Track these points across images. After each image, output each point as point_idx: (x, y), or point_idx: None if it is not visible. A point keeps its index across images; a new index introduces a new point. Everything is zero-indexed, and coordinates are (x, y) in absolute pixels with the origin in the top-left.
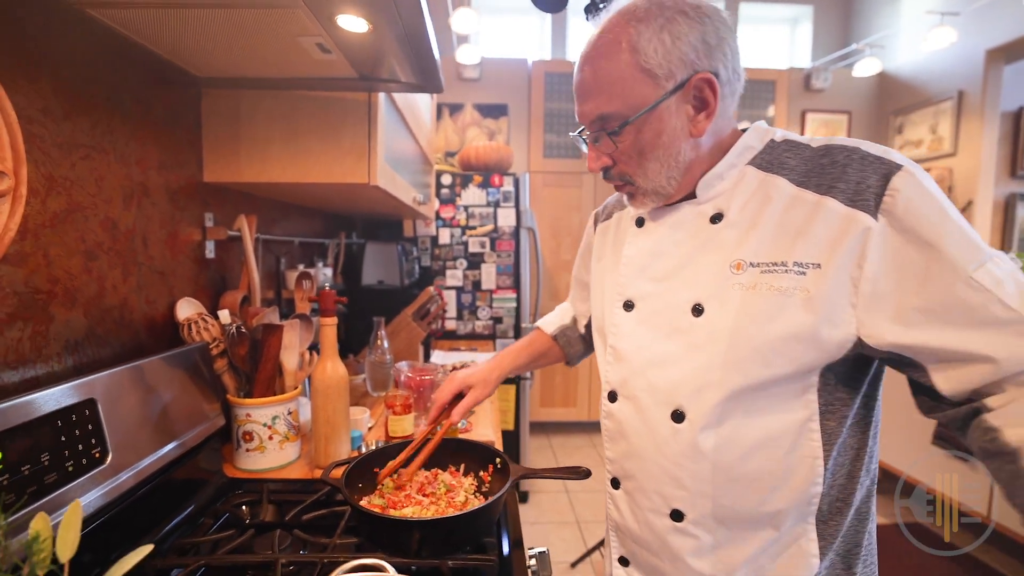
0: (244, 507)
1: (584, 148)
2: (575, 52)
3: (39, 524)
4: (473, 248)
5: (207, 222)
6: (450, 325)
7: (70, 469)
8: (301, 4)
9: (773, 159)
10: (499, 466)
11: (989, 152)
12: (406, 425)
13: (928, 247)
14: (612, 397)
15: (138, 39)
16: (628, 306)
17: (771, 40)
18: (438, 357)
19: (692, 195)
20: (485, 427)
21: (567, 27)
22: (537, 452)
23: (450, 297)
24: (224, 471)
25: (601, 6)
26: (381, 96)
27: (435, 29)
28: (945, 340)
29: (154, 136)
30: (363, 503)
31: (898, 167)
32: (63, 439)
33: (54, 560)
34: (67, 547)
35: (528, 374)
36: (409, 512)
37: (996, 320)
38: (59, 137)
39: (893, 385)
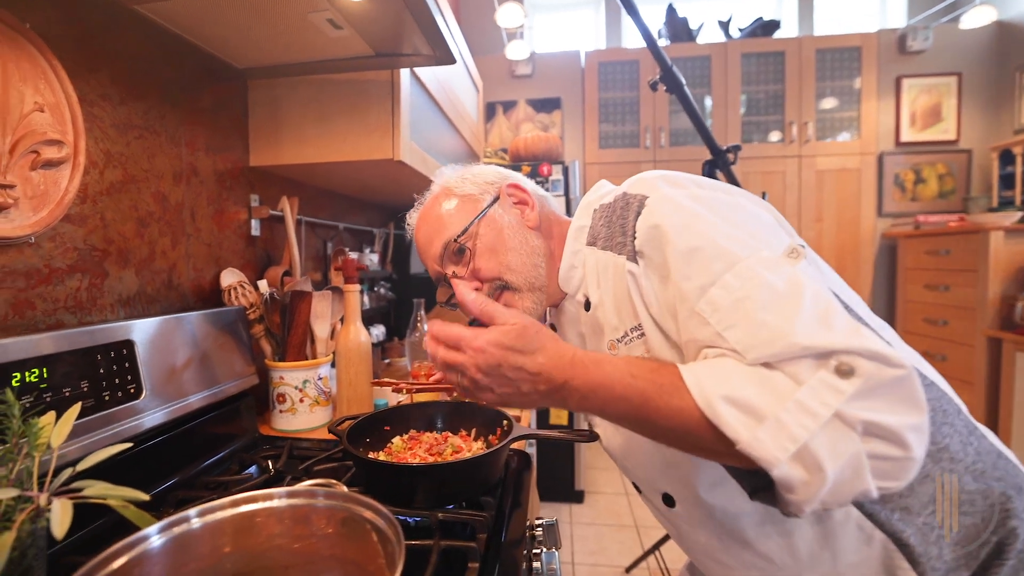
0: (269, 460)
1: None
2: (631, 40)
3: (44, 418)
4: None
5: (252, 202)
6: None
7: (106, 398)
8: None
9: (596, 232)
10: (505, 428)
11: None
12: (430, 394)
13: (668, 281)
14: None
15: (178, 31)
16: None
17: (860, 2)
18: None
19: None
20: None
21: (622, 15)
22: (592, 448)
23: None
24: (260, 430)
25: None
26: (405, 77)
27: (484, 27)
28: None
29: (202, 122)
30: (368, 457)
31: (643, 201)
32: (102, 371)
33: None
34: (59, 436)
35: None
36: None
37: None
38: (116, 119)
39: None
